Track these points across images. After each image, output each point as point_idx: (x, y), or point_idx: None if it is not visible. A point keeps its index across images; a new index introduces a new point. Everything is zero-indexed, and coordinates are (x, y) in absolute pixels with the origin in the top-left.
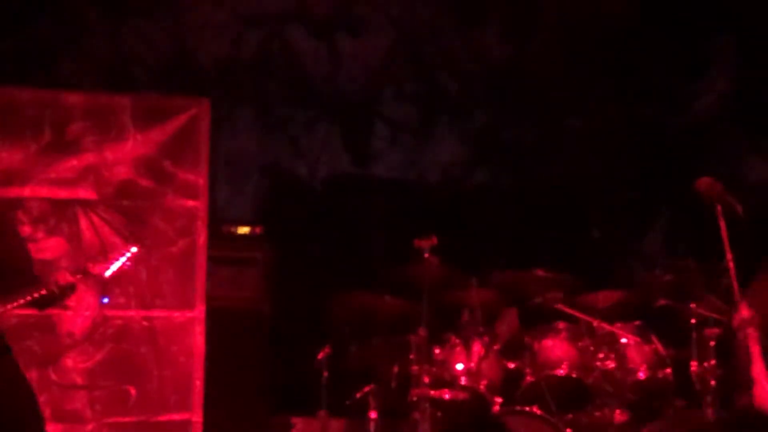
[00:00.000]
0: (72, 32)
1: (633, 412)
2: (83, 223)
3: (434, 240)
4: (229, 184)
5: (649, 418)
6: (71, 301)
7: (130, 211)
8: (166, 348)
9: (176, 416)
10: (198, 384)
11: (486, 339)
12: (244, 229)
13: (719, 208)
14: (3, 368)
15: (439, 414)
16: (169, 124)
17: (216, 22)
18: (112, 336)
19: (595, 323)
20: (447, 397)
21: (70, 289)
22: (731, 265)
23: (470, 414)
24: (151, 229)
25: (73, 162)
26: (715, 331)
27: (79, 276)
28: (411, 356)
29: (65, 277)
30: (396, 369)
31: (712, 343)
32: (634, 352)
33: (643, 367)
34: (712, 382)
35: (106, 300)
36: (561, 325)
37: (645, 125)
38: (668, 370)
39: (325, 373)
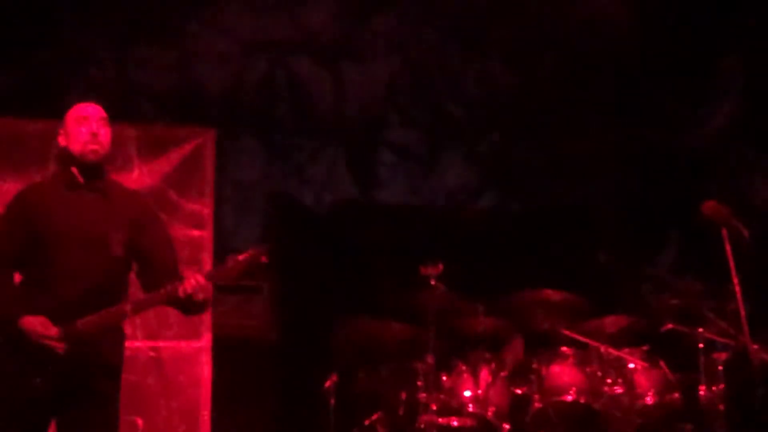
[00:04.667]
0: (76, 63)
1: None
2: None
3: (440, 267)
4: (234, 212)
5: None
6: None
7: None
8: (174, 378)
9: None
10: (205, 414)
11: (493, 365)
12: None
13: (725, 231)
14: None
15: None
16: (174, 154)
17: (220, 52)
18: None
19: (603, 348)
20: (455, 424)
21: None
22: (738, 288)
23: None
24: None
25: None
26: (724, 355)
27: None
28: (418, 383)
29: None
30: (403, 396)
31: (720, 368)
32: (642, 377)
33: (651, 392)
34: (721, 407)
35: None
36: (568, 350)
37: (651, 148)
38: (676, 395)
39: (333, 401)
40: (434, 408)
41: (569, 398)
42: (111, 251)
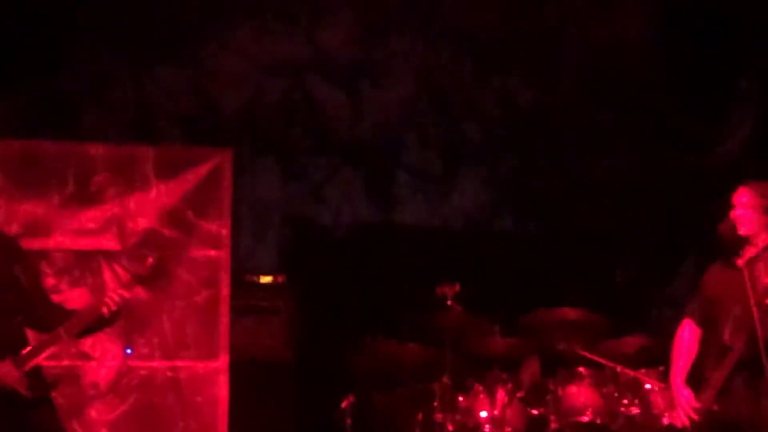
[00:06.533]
0: (94, 84)
1: None
2: (107, 274)
3: (457, 287)
4: (251, 233)
5: None
6: (95, 352)
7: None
8: (191, 398)
9: None
10: None
11: (510, 386)
12: (266, 278)
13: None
14: (47, 418)
15: None
16: (191, 175)
17: (238, 72)
18: (137, 387)
19: (619, 369)
20: None
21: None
22: (755, 309)
23: None
24: (174, 280)
25: (97, 213)
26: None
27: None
28: (435, 404)
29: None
30: (420, 417)
31: None
32: (659, 397)
33: (668, 413)
34: None
35: (129, 351)
36: (585, 371)
37: (670, 169)
38: None
39: (349, 422)
40: (451, 429)
41: (585, 419)
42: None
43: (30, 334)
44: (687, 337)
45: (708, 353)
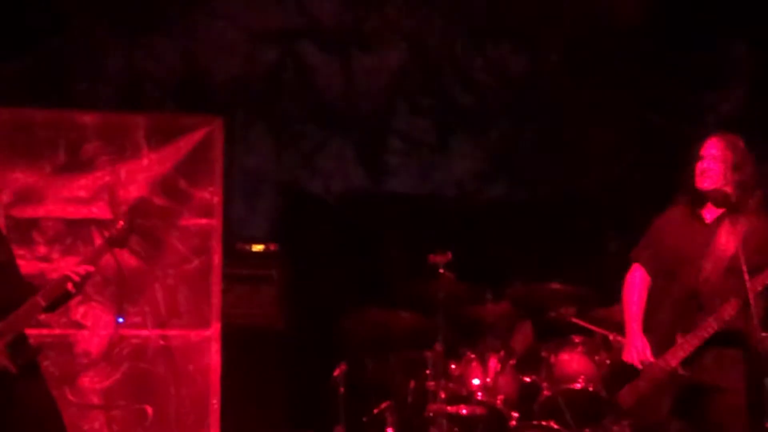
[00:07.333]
0: (85, 52)
1: None
2: (98, 243)
3: (449, 255)
4: (243, 201)
5: None
6: (87, 321)
7: (145, 230)
8: (183, 367)
9: None
10: (215, 402)
11: (502, 353)
12: (258, 247)
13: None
14: (34, 388)
15: (455, 430)
16: (183, 143)
17: (229, 40)
18: (129, 355)
19: (612, 336)
20: (464, 412)
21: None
22: (746, 276)
23: (487, 429)
24: (166, 248)
25: (88, 181)
26: None
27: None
28: (427, 372)
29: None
30: (412, 385)
31: None
32: None
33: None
34: None
35: (121, 320)
36: (577, 338)
37: (662, 137)
38: None
39: (342, 390)
40: (443, 396)
41: (578, 386)
42: None
43: None
44: (638, 284)
45: (666, 305)
